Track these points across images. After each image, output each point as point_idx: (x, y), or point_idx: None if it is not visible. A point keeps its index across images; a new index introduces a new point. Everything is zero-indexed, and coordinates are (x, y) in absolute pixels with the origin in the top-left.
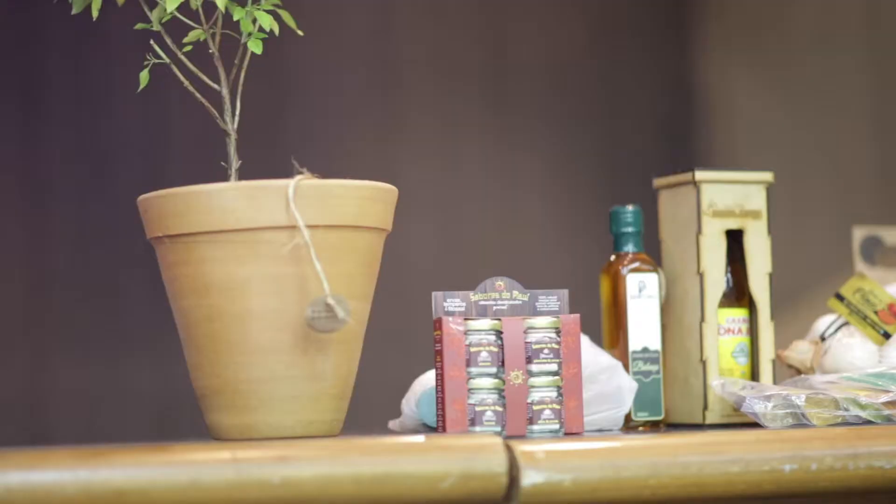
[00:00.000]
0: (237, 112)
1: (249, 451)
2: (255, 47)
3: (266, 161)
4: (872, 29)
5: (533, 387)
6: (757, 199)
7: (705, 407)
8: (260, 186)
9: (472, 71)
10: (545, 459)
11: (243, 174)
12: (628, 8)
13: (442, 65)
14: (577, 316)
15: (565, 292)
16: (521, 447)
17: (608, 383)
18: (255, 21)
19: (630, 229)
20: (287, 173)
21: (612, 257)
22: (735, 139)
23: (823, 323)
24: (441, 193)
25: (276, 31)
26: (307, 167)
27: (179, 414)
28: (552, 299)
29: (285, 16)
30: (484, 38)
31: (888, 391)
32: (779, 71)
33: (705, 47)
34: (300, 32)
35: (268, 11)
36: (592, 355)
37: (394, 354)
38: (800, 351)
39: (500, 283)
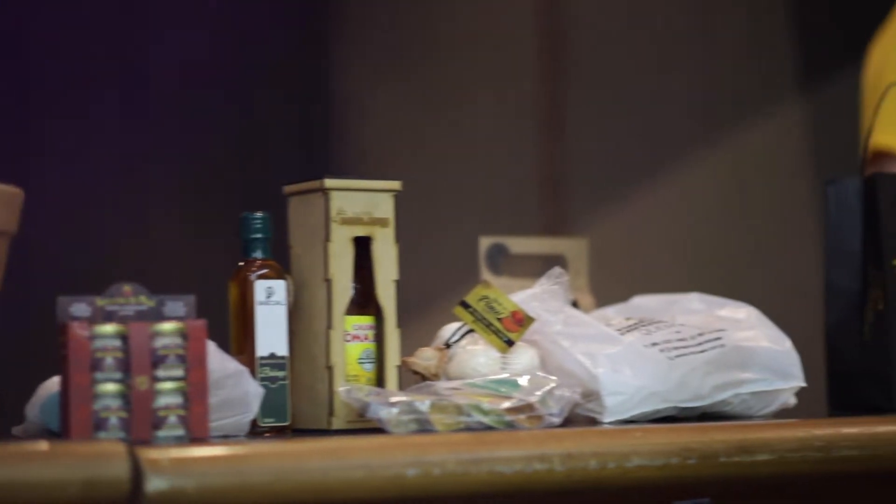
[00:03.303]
0: None
1: None
2: None
3: None
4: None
5: (158, 392)
6: (385, 207)
7: (331, 413)
8: None
9: (109, 73)
10: (169, 466)
11: None
12: (269, 12)
13: (75, 67)
14: (203, 321)
15: (192, 298)
16: (145, 453)
17: (235, 389)
18: None
19: (258, 235)
20: None
21: (241, 263)
22: (369, 147)
23: (449, 330)
24: (70, 196)
25: None
26: None
27: None
28: (179, 305)
29: None
30: (119, 41)
31: (510, 398)
32: (413, 81)
33: (343, 55)
34: None
35: None
36: (219, 361)
37: (18, 359)
38: (425, 357)
39: (127, 288)
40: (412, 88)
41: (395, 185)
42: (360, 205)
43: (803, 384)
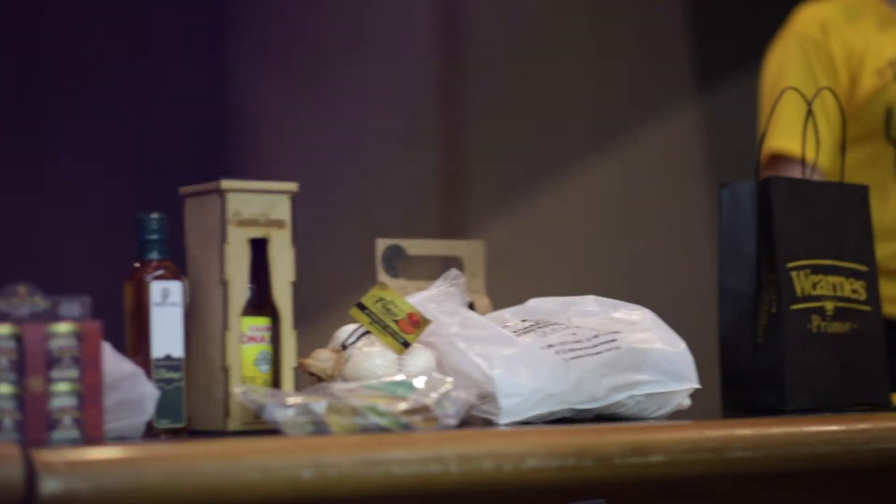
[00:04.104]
0: None
1: None
2: None
3: None
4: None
5: (53, 394)
6: (281, 208)
7: (227, 414)
8: None
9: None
10: (64, 468)
11: None
12: (163, 15)
13: None
14: (98, 323)
15: (87, 299)
16: (39, 455)
17: (130, 391)
18: None
19: (154, 237)
20: None
21: (137, 265)
22: (266, 149)
23: (345, 332)
24: None
25: None
26: None
27: None
28: (74, 306)
29: None
30: (25, 39)
31: (406, 399)
32: (310, 83)
33: (240, 58)
34: None
35: None
36: (114, 362)
37: None
38: (321, 359)
39: (22, 288)
40: (309, 91)
41: (292, 186)
42: (257, 206)
43: (697, 386)
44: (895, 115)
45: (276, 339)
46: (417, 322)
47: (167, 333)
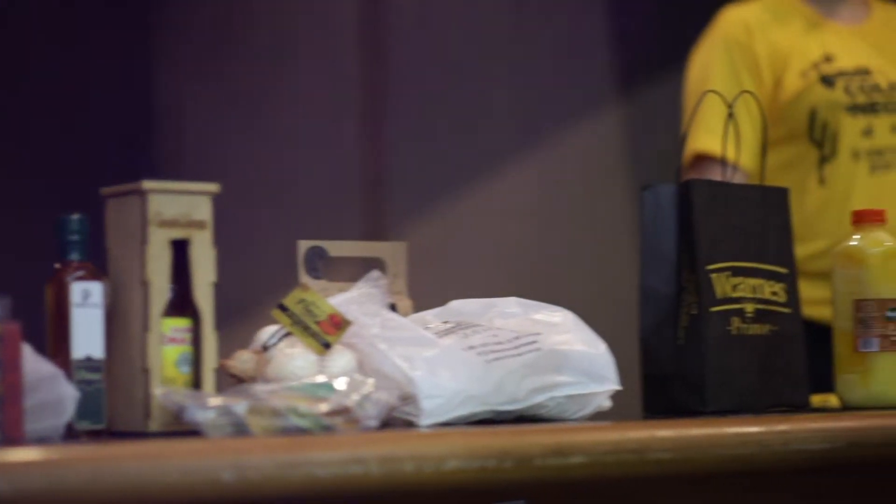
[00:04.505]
0: None
1: None
2: None
3: None
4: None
5: None
6: (203, 209)
7: (147, 415)
8: None
9: None
10: None
11: None
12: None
13: None
14: (17, 324)
15: (7, 300)
16: None
17: (50, 392)
18: None
19: (75, 237)
20: None
21: (58, 265)
22: (188, 150)
23: (267, 333)
24: None
25: None
26: None
27: None
28: None
29: None
30: None
31: (327, 400)
32: (233, 84)
33: (163, 59)
34: None
35: None
36: (34, 364)
37: None
38: (242, 360)
39: None
40: (232, 92)
41: (213, 187)
42: (178, 207)
43: (618, 387)
44: (819, 117)
45: (196, 341)
46: (339, 323)
47: (88, 334)
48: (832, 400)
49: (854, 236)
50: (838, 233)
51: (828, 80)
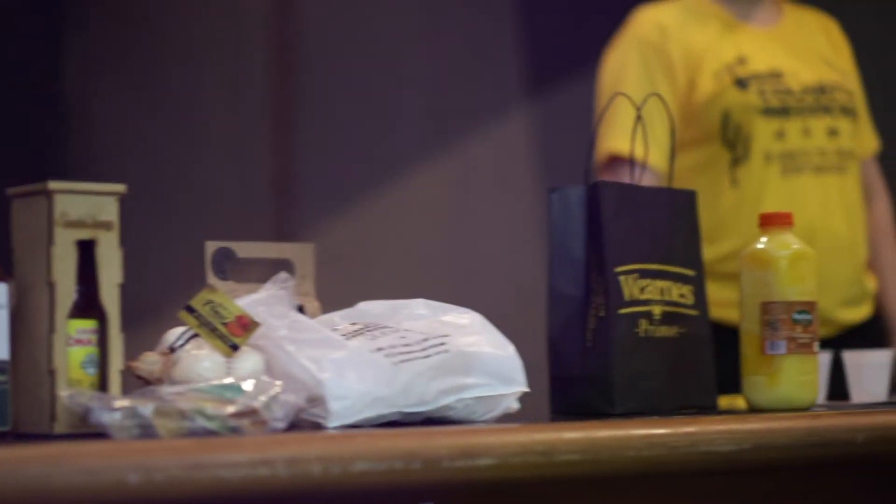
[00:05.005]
0: None
1: None
2: None
3: None
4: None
5: None
6: (109, 210)
7: (53, 417)
8: None
9: None
10: None
11: None
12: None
13: None
14: None
15: None
16: None
17: None
18: None
19: None
20: None
21: None
22: (96, 151)
23: (174, 334)
24: None
25: None
26: None
27: None
28: None
29: None
30: None
31: (234, 402)
32: (142, 84)
33: (73, 59)
34: None
35: None
36: None
37: None
38: (149, 362)
39: None
40: (141, 92)
41: (120, 188)
42: (85, 208)
43: (526, 389)
44: (733, 120)
45: (103, 342)
46: (247, 325)
47: None
48: (739, 402)
49: (762, 239)
50: (750, 235)
51: (742, 83)
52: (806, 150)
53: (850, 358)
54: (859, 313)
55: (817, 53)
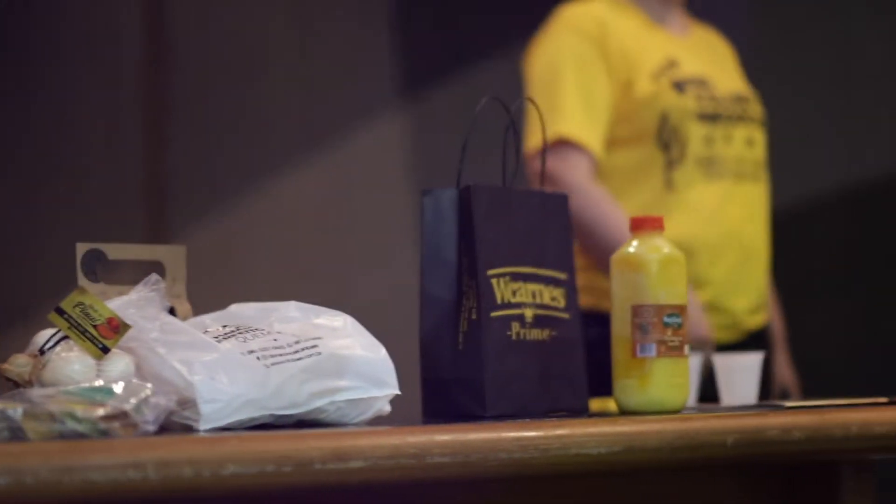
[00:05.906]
0: None
1: None
2: None
3: None
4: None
5: None
6: None
7: None
8: None
9: None
10: None
11: None
12: None
13: None
14: None
15: None
16: None
17: None
18: None
19: None
20: None
21: None
22: None
23: (43, 336)
24: None
25: None
26: None
27: None
28: None
29: None
30: None
31: (105, 405)
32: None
33: None
34: None
35: None
36: None
37: None
38: (18, 364)
39: None
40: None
41: None
42: None
43: (397, 392)
44: (670, 122)
45: None
46: (117, 327)
47: None
48: (611, 404)
49: (632, 242)
50: (684, 237)
51: (679, 86)
52: (727, 157)
53: (721, 361)
54: (761, 318)
55: (728, 65)
